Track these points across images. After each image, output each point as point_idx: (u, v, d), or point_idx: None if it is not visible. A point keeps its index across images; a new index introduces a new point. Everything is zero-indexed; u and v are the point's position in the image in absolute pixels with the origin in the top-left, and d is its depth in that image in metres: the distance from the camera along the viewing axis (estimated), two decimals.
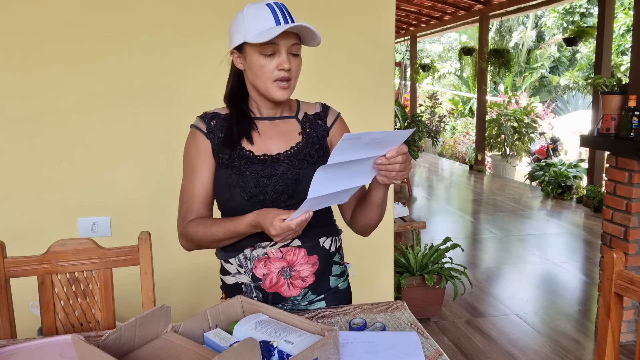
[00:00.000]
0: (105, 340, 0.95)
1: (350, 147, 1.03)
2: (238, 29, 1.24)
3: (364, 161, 1.11)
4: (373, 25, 2.36)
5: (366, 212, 1.32)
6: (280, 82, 1.24)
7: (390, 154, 1.12)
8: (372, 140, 1.06)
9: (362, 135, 1.02)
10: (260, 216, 1.18)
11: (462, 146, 11.17)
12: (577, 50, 15.19)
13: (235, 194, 1.27)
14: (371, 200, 1.28)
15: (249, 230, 1.23)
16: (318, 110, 1.39)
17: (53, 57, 2.15)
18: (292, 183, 1.28)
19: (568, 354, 2.90)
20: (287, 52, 1.23)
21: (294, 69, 1.25)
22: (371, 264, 2.50)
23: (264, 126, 1.33)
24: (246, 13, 1.22)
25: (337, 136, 1.37)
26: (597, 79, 3.18)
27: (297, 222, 1.12)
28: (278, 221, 1.13)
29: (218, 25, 2.22)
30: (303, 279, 1.32)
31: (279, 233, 1.13)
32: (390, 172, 1.15)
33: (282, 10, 1.22)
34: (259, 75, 1.24)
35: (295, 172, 1.29)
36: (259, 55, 1.22)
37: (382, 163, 1.13)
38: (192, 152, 1.33)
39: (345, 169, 1.09)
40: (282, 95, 1.26)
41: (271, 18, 1.20)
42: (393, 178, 1.16)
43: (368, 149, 1.08)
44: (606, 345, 1.27)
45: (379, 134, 1.05)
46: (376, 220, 1.34)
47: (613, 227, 2.95)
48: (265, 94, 1.27)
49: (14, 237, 1.93)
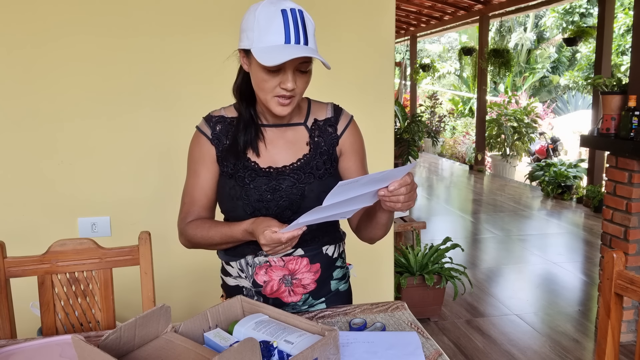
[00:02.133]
0: (105, 340, 0.95)
1: (346, 190, 1.01)
2: (247, 31, 1.15)
3: (365, 193, 1.08)
4: (373, 26, 2.36)
5: (371, 228, 1.30)
6: (280, 99, 1.17)
7: (392, 186, 1.07)
8: (371, 181, 1.03)
9: (359, 179, 1.00)
10: (255, 224, 1.16)
11: (462, 146, 11.17)
12: (577, 50, 15.19)
13: (238, 206, 1.25)
14: (376, 220, 1.26)
15: (244, 237, 1.22)
16: (329, 116, 1.32)
17: (53, 57, 2.15)
18: (296, 199, 1.25)
19: (568, 354, 2.90)
20: (293, 70, 1.14)
21: (299, 86, 1.17)
22: (371, 264, 2.50)
23: (271, 134, 1.29)
24: (258, 16, 1.12)
25: (347, 144, 1.32)
26: (597, 79, 3.18)
27: (288, 237, 1.09)
28: (269, 231, 1.10)
29: (220, 26, 2.22)
30: (304, 286, 1.32)
31: (268, 243, 1.10)
32: (395, 203, 1.10)
33: (296, 23, 1.11)
34: (261, 88, 1.18)
35: (301, 187, 1.25)
36: (261, 69, 1.14)
37: (385, 195, 1.09)
38: (195, 156, 1.31)
39: (345, 202, 1.06)
40: (282, 111, 1.19)
41: (282, 32, 1.10)
42: (398, 208, 1.12)
43: (367, 187, 1.05)
44: (606, 345, 1.27)
45: (377, 174, 1.02)
46: (381, 235, 1.32)
47: (613, 227, 2.95)
48: (266, 105, 1.20)
49: (14, 237, 1.93)
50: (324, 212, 1.06)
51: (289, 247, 1.12)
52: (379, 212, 1.23)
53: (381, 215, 1.24)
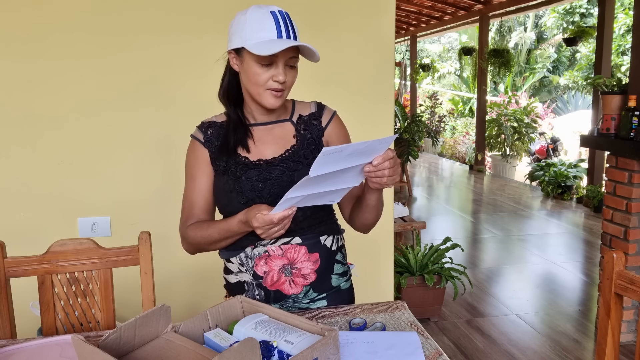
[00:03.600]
0: (105, 340, 0.95)
1: (331, 161, 1.03)
2: (239, 32, 1.23)
3: (350, 168, 1.11)
4: (373, 25, 2.36)
5: (363, 212, 1.34)
6: (273, 92, 1.25)
7: (376, 161, 1.12)
8: (355, 151, 1.06)
9: (343, 147, 1.02)
10: (247, 212, 1.21)
11: (462, 146, 11.17)
12: (577, 50, 15.19)
13: (232, 198, 1.30)
14: (366, 202, 1.31)
15: (240, 228, 1.25)
16: (313, 111, 1.39)
17: (53, 58, 2.15)
18: (287, 185, 1.27)
19: (568, 354, 2.90)
20: (284, 64, 1.23)
21: (289, 80, 1.26)
22: (371, 264, 2.50)
23: (260, 132, 1.35)
24: (249, 17, 1.21)
25: (332, 135, 1.38)
26: (597, 79, 3.18)
27: (279, 217, 1.13)
28: (260, 214, 1.15)
29: (217, 27, 2.22)
30: (304, 277, 1.33)
31: (261, 225, 1.14)
32: (380, 178, 1.15)
33: (285, 22, 1.21)
34: (254, 82, 1.25)
35: (290, 174, 1.30)
36: (255, 63, 1.23)
37: (370, 170, 1.14)
38: (191, 161, 1.37)
39: (332, 176, 1.08)
40: (274, 103, 1.27)
41: (274, 28, 1.20)
42: (384, 183, 1.17)
43: (352, 159, 1.08)
44: (606, 345, 1.27)
45: (360, 144, 1.04)
46: (373, 219, 1.36)
47: (613, 227, 2.95)
48: (258, 100, 1.28)
49: (14, 237, 1.93)
50: (312, 186, 1.08)
51: (282, 229, 1.17)
52: (367, 193, 1.28)
53: (370, 196, 1.28)
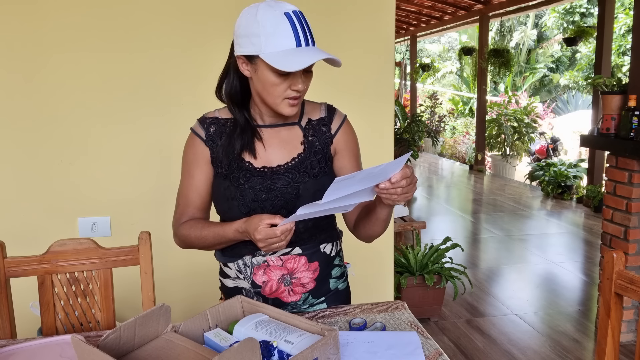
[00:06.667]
0: (105, 340, 0.95)
1: (343, 187, 1.01)
2: (250, 36, 1.13)
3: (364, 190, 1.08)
4: (373, 26, 2.36)
5: (371, 225, 1.29)
6: (290, 100, 1.19)
7: (394, 178, 1.08)
8: (368, 175, 1.03)
9: (355, 174, 1.00)
10: (247, 222, 1.17)
11: (462, 146, 11.17)
12: (577, 50, 15.18)
13: (233, 207, 1.25)
14: (376, 216, 1.25)
15: (236, 237, 1.22)
16: (323, 115, 1.33)
17: (53, 58, 2.15)
18: (291, 198, 1.25)
19: (568, 354, 2.90)
20: (302, 71, 1.16)
21: (306, 85, 1.20)
22: (371, 264, 2.50)
23: (266, 134, 1.29)
24: (261, 20, 1.10)
25: (341, 142, 1.33)
26: (597, 79, 3.18)
27: (282, 230, 1.10)
28: (264, 226, 1.11)
29: (218, 29, 2.22)
30: (303, 285, 1.31)
31: (264, 237, 1.11)
32: (392, 195, 1.11)
33: (302, 26, 1.12)
34: (270, 92, 1.18)
35: (296, 186, 1.25)
36: (272, 73, 1.14)
37: (386, 187, 1.09)
38: (189, 157, 1.32)
39: (344, 198, 1.06)
40: (291, 112, 1.21)
41: (291, 35, 1.10)
42: (396, 200, 1.12)
43: (365, 182, 1.05)
44: (606, 345, 1.27)
45: (374, 168, 1.01)
46: (380, 232, 1.31)
47: (613, 227, 2.95)
48: (274, 108, 1.21)
49: (14, 237, 1.93)
50: (322, 207, 1.06)
51: (283, 241, 1.13)
52: (378, 207, 1.22)
53: (382, 210, 1.23)
